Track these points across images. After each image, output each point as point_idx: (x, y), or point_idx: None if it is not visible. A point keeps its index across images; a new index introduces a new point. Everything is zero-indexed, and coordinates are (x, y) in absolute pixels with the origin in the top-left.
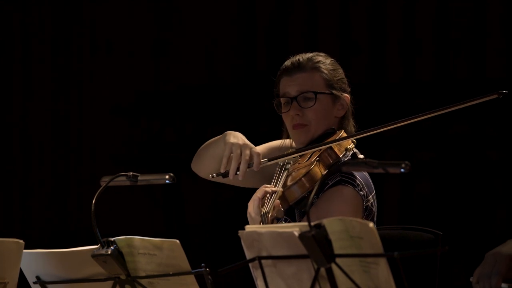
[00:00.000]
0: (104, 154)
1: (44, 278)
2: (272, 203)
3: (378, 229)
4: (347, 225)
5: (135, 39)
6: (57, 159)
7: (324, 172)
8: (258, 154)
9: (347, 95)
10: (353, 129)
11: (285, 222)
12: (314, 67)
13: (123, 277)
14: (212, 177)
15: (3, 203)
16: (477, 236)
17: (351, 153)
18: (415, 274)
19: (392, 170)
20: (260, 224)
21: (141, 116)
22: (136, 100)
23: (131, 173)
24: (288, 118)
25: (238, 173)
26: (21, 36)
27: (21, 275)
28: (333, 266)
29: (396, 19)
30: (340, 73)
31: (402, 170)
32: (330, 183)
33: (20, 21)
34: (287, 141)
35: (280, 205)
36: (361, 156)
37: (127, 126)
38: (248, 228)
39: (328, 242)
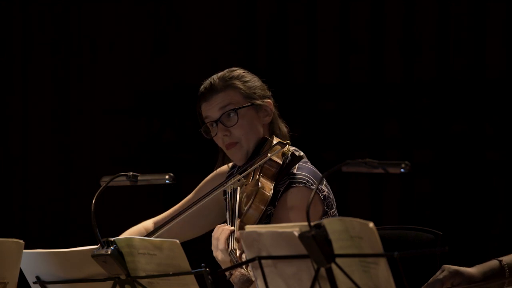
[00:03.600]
0: (104, 154)
1: (44, 278)
2: (234, 238)
3: (378, 229)
4: (347, 225)
5: (135, 39)
6: (57, 159)
7: (272, 184)
8: None
9: (268, 100)
10: (284, 130)
11: None
12: (227, 85)
13: (123, 277)
14: None
15: (3, 203)
16: (477, 236)
17: (289, 154)
18: (415, 274)
19: (392, 170)
20: (230, 263)
21: (141, 116)
22: (136, 100)
23: (131, 173)
24: (219, 141)
25: None
26: (21, 36)
27: (21, 275)
28: (333, 266)
29: (396, 19)
30: (256, 81)
31: (402, 170)
32: (282, 190)
33: (20, 21)
34: (222, 169)
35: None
36: (301, 153)
37: (127, 126)
38: (248, 228)
39: (328, 242)
